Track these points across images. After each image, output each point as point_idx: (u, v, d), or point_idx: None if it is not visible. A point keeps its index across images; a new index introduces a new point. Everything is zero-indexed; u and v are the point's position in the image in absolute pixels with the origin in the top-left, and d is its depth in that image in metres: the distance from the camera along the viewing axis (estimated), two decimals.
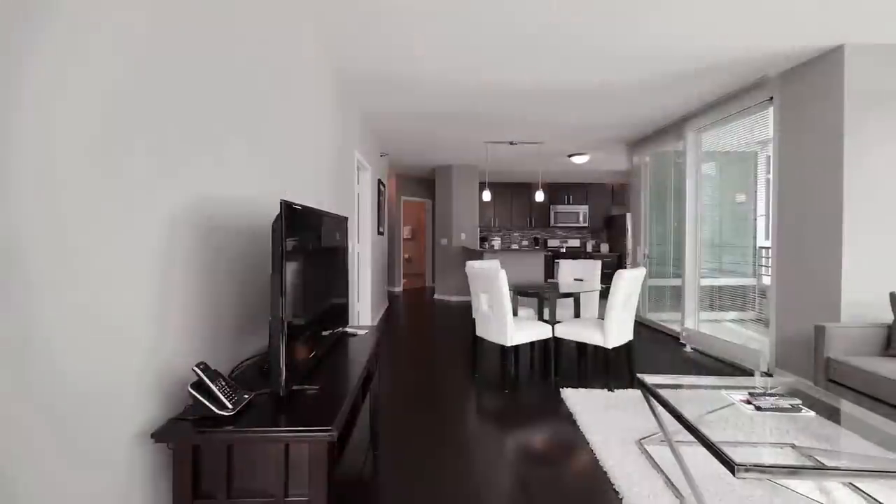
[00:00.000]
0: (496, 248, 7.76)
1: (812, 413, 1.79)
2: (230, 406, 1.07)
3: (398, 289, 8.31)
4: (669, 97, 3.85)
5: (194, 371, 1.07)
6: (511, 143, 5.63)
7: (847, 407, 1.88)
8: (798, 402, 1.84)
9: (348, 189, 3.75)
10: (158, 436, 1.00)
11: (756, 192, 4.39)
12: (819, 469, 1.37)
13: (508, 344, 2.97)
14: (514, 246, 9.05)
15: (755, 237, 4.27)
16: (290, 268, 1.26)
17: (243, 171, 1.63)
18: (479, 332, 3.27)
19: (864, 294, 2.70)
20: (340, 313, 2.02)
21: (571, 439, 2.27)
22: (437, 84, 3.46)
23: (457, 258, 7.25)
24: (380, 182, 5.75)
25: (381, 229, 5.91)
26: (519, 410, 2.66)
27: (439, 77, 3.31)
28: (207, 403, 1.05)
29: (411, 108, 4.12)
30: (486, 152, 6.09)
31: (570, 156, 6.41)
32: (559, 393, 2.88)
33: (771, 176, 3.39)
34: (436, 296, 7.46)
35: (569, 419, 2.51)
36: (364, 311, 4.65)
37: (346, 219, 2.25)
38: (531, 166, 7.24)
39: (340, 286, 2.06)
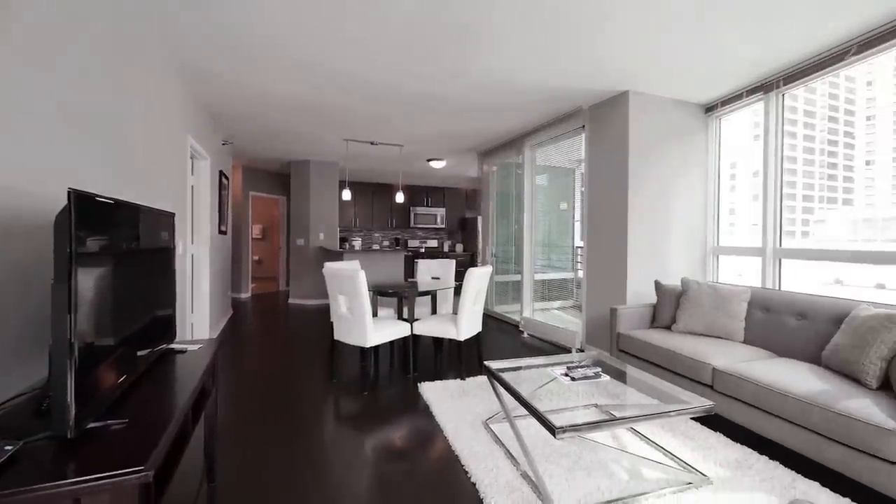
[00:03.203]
0: (357, 248, 7.63)
1: (608, 377, 2.27)
2: None
3: (246, 295, 7.44)
4: (512, 117, 4.38)
5: None
6: (372, 144, 5.61)
7: (630, 370, 2.43)
8: (599, 370, 2.31)
9: (178, 180, 3.18)
10: None
11: (574, 201, 5.36)
12: (611, 421, 1.75)
13: (368, 345, 2.95)
14: (376, 246, 9.04)
15: (573, 238, 5.20)
16: (85, 275, 1.01)
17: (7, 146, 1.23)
18: (338, 335, 3.17)
19: (640, 283, 3.55)
20: (164, 327, 1.70)
21: (428, 430, 2.39)
22: (289, 70, 3.21)
23: (315, 259, 6.87)
24: (222, 174, 5.04)
25: (223, 228, 5.19)
26: (379, 410, 2.67)
27: (292, 60, 3.08)
28: None
29: (260, 92, 3.72)
30: (347, 150, 5.93)
31: (428, 160, 6.72)
32: (417, 388, 3.00)
33: (583, 189, 4.18)
34: (290, 300, 6.92)
35: (426, 411, 2.63)
36: (200, 322, 4.02)
37: (172, 215, 1.90)
38: (392, 168, 7.35)
39: (164, 295, 1.74)
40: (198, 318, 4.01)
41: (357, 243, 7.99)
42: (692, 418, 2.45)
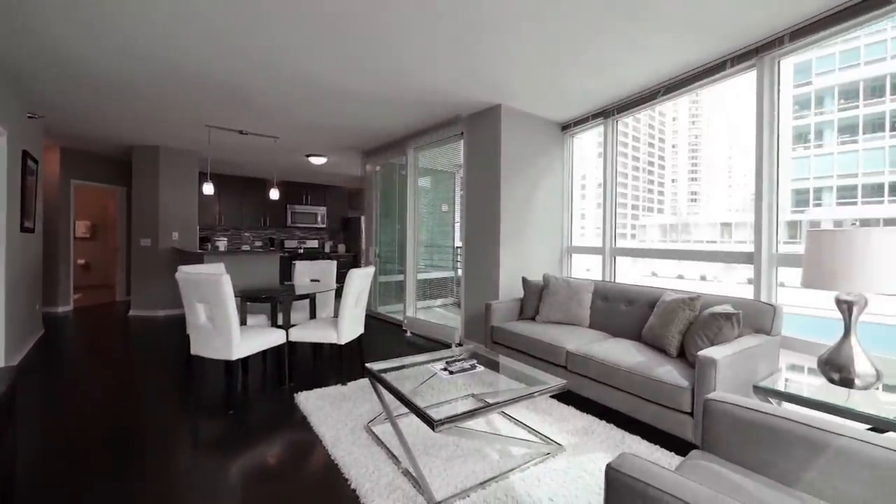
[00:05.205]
0: (221, 249, 6.76)
1: (483, 368, 2.45)
2: None
3: (66, 308, 5.97)
4: (396, 118, 4.40)
5: None
6: (241, 133, 5.03)
7: (502, 359, 2.65)
8: (475, 362, 2.47)
9: None
10: None
11: (455, 203, 5.64)
12: (484, 408, 1.89)
13: (234, 357, 2.64)
14: (246, 247, 8.16)
15: (454, 239, 5.48)
16: None
17: None
18: (196, 349, 2.76)
19: (510, 279, 3.92)
20: None
21: (305, 443, 2.25)
22: (118, 41, 2.68)
23: (166, 263, 5.88)
24: (28, 155, 3.95)
25: (28, 224, 4.07)
26: (247, 430, 2.41)
27: (119, 27, 2.58)
28: None
29: (84, 55, 3.02)
30: (209, 137, 5.20)
31: (308, 156, 6.33)
32: (293, 399, 2.80)
33: (462, 192, 4.42)
34: (132, 312, 5.79)
35: (303, 423, 2.47)
36: None
37: None
38: (267, 161, 6.72)
39: None
40: None
41: (222, 244, 7.08)
42: (551, 396, 2.79)
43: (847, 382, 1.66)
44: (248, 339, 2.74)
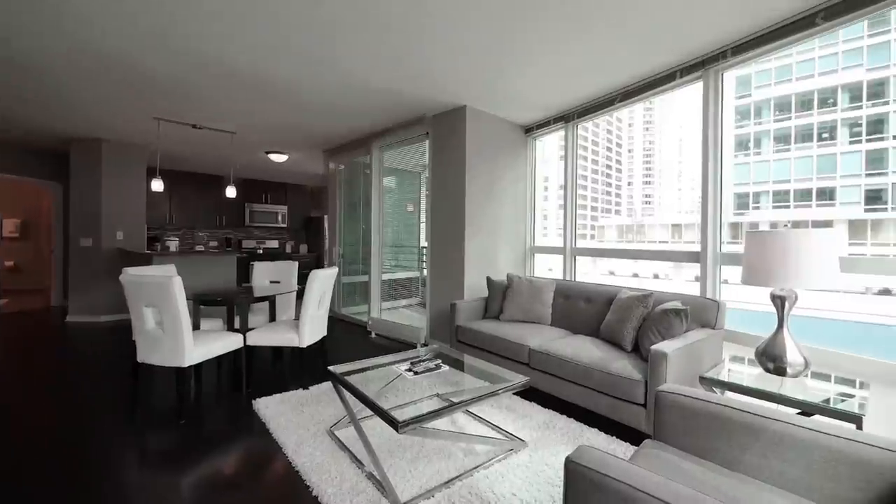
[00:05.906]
0: (172, 249, 6.39)
1: (448, 367, 2.46)
2: None
3: None
4: (360, 116, 4.32)
5: None
6: (195, 127, 4.77)
7: (466, 358, 2.67)
8: (440, 361, 2.48)
9: None
10: None
11: (420, 203, 5.62)
12: (448, 407, 1.90)
13: (186, 364, 2.50)
14: (200, 247, 7.75)
15: (419, 239, 5.46)
16: None
17: None
18: (143, 356, 2.59)
19: (475, 278, 3.96)
20: None
21: (264, 451, 2.16)
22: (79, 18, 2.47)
23: (110, 264, 5.47)
24: None
25: None
26: (201, 440, 2.28)
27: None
28: None
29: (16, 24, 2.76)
30: (158, 131, 4.89)
31: (267, 153, 6.10)
32: (252, 405, 2.68)
33: (428, 192, 4.42)
34: (70, 317, 5.34)
35: (262, 430, 2.37)
36: None
37: None
38: (223, 157, 6.40)
39: None
40: None
41: (173, 244, 6.69)
42: (514, 393, 2.84)
43: (780, 371, 1.81)
44: (201, 345, 2.61)
